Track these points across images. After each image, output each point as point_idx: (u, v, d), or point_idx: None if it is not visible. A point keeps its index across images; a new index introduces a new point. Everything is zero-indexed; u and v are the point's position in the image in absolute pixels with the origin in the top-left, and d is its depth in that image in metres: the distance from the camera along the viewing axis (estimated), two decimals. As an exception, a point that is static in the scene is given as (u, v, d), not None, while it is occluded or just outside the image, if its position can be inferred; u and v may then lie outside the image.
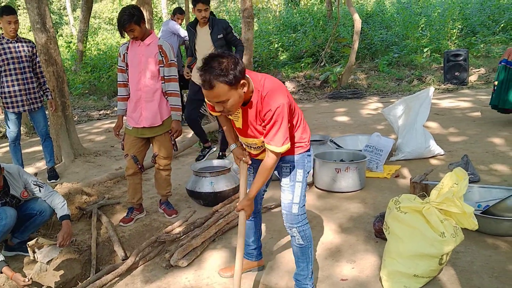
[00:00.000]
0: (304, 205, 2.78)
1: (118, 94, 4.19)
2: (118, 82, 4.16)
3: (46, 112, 5.70)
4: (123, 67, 4.05)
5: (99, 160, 6.48)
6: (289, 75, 12.65)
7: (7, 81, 5.18)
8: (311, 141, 5.43)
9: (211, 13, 5.50)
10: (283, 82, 11.60)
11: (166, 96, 4.05)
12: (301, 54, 13.98)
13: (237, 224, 3.90)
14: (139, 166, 4.16)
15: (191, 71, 5.77)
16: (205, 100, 2.52)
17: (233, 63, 2.27)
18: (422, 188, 3.99)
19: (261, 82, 2.48)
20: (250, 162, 2.84)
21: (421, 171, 4.56)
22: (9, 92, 5.20)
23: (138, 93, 4.00)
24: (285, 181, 2.76)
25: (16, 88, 5.20)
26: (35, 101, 5.38)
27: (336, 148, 5.38)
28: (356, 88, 10.99)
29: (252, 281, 3.15)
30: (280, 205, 4.24)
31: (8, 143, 5.62)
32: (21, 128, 5.96)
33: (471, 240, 3.35)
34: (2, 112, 5.52)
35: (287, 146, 2.51)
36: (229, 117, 2.70)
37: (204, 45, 5.41)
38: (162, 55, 3.93)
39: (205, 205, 4.47)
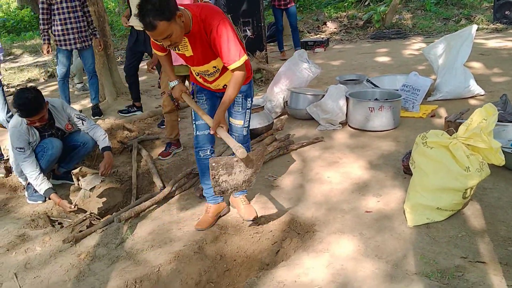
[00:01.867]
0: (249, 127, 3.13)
1: None
2: None
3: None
4: None
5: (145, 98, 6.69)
6: (332, 15, 12.34)
7: (60, 19, 5.36)
8: (346, 80, 5.45)
9: None
10: (325, 23, 11.43)
11: None
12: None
13: (268, 160, 4.07)
14: (176, 103, 4.29)
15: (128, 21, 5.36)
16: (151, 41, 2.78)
17: (165, 0, 2.42)
18: (456, 127, 3.95)
19: (197, 8, 2.65)
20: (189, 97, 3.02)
21: (458, 111, 4.49)
22: (62, 30, 5.39)
23: None
24: (236, 108, 3.06)
25: (69, 26, 5.39)
26: (85, 39, 5.57)
27: (372, 88, 5.33)
28: (400, 28, 10.63)
29: (278, 211, 3.31)
30: (312, 142, 4.35)
31: (57, 81, 5.89)
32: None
33: (500, 177, 3.35)
34: (51, 51, 5.75)
35: (245, 56, 2.68)
36: (178, 51, 2.82)
37: None
38: None
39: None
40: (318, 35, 10.94)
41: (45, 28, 5.45)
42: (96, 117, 5.85)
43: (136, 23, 3.94)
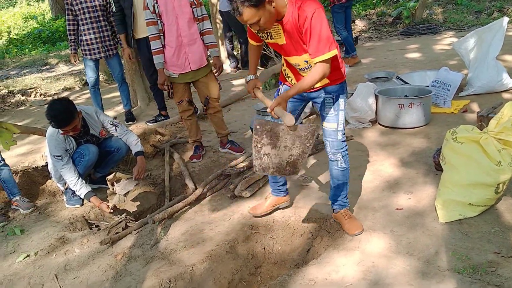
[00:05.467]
0: (345, 131, 2.90)
1: (153, 48, 4.08)
2: (150, 36, 4.10)
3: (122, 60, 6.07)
4: (154, 18, 4.03)
5: (171, 103, 6.80)
6: (360, 13, 12.24)
7: (83, 30, 5.54)
8: (375, 78, 5.42)
9: None
10: (353, 21, 11.33)
11: (201, 36, 4.16)
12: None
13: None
14: (194, 106, 4.43)
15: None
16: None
17: None
18: (488, 122, 3.88)
19: None
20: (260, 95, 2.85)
21: (491, 105, 4.41)
22: (86, 40, 5.57)
23: (179, 39, 4.05)
24: (328, 111, 2.83)
25: (92, 36, 5.56)
26: (110, 48, 5.72)
27: (402, 85, 5.28)
28: (430, 23, 10.45)
29: (309, 210, 3.33)
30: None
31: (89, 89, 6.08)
32: (101, 75, 6.39)
33: (535, 171, 3.28)
34: (79, 61, 5.94)
35: (335, 51, 2.51)
36: (272, 39, 2.69)
37: None
38: None
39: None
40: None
41: (71, 38, 5.65)
42: (129, 123, 6.00)
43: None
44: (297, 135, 2.49)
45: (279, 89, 3.03)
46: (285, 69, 2.93)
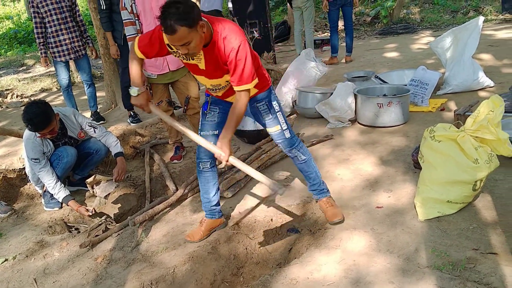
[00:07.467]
0: (291, 127, 2.97)
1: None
2: (128, 37, 4.09)
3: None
4: (132, 18, 4.01)
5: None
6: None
7: (51, 32, 5.49)
8: (354, 77, 5.48)
9: None
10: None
11: None
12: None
13: (278, 159, 4.10)
14: (173, 106, 4.41)
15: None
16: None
17: (190, 6, 2.38)
18: (465, 120, 3.93)
19: (220, 24, 2.57)
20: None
21: (468, 103, 4.48)
22: (55, 42, 5.53)
23: None
24: (266, 117, 2.93)
25: (61, 37, 5.52)
26: (79, 49, 5.69)
27: (380, 84, 5.34)
28: (408, 23, 10.61)
29: (290, 209, 3.34)
30: (322, 141, 4.38)
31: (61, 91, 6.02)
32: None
33: (511, 168, 3.34)
34: (50, 64, 5.86)
35: (256, 80, 2.63)
36: (192, 61, 2.70)
37: None
38: None
39: (249, 142, 4.66)
40: (325, 33, 10.94)
41: (40, 41, 5.58)
42: (100, 122, 5.96)
43: None
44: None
45: (207, 101, 3.02)
46: (204, 84, 2.95)
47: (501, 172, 3.24)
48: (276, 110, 2.93)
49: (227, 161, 2.64)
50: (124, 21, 4.02)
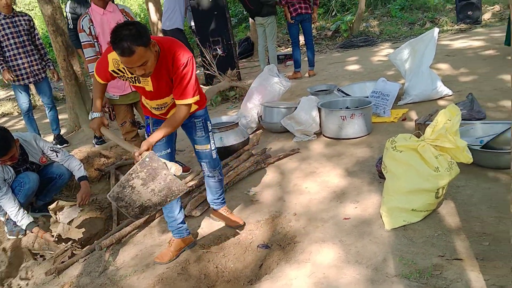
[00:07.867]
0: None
1: (91, 71, 3.87)
2: (88, 58, 4.03)
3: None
4: (91, 40, 3.98)
5: (115, 124, 6.67)
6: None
7: (9, 56, 5.40)
8: (317, 91, 5.56)
9: None
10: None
11: None
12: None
13: (246, 175, 4.10)
14: (138, 127, 4.40)
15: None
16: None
17: (141, 27, 2.43)
18: (425, 129, 4.05)
19: (166, 43, 2.64)
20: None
21: (428, 113, 4.60)
22: (13, 66, 5.43)
23: None
24: (200, 134, 3.07)
25: (20, 61, 5.43)
26: (38, 73, 5.61)
27: (343, 97, 5.44)
28: (367, 36, 10.86)
29: (259, 225, 3.34)
30: (289, 155, 4.40)
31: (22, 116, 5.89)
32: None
33: (472, 174, 3.44)
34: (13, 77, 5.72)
35: (198, 97, 2.73)
36: (138, 84, 2.74)
37: None
38: (128, 18, 4.02)
39: (216, 159, 4.64)
40: (288, 48, 11.09)
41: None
42: (64, 145, 5.86)
43: None
44: (169, 187, 2.48)
45: (148, 123, 3.05)
46: (147, 103, 2.97)
47: (462, 179, 3.34)
48: (209, 130, 3.10)
49: (139, 155, 2.53)
50: (82, 43, 3.97)
